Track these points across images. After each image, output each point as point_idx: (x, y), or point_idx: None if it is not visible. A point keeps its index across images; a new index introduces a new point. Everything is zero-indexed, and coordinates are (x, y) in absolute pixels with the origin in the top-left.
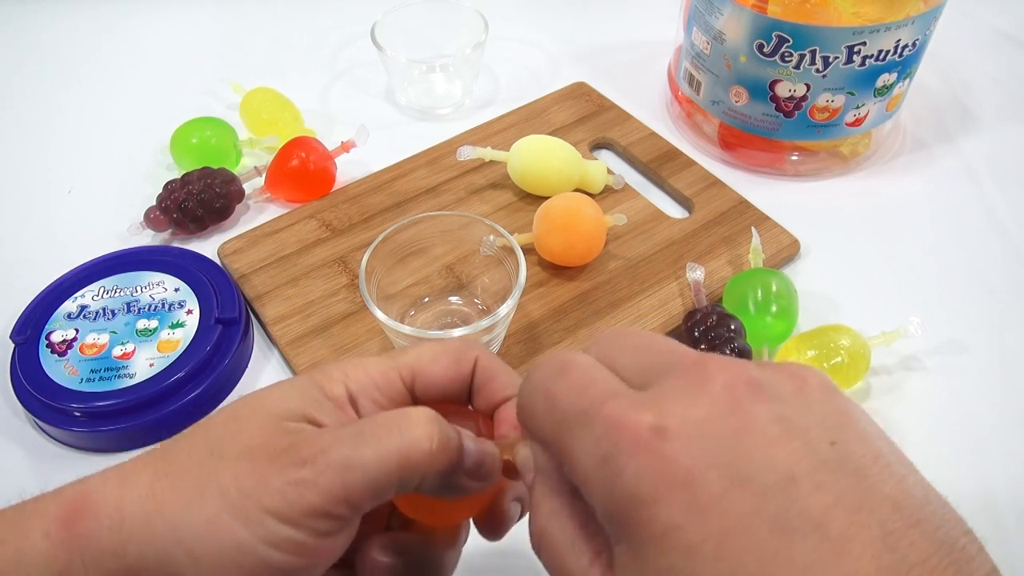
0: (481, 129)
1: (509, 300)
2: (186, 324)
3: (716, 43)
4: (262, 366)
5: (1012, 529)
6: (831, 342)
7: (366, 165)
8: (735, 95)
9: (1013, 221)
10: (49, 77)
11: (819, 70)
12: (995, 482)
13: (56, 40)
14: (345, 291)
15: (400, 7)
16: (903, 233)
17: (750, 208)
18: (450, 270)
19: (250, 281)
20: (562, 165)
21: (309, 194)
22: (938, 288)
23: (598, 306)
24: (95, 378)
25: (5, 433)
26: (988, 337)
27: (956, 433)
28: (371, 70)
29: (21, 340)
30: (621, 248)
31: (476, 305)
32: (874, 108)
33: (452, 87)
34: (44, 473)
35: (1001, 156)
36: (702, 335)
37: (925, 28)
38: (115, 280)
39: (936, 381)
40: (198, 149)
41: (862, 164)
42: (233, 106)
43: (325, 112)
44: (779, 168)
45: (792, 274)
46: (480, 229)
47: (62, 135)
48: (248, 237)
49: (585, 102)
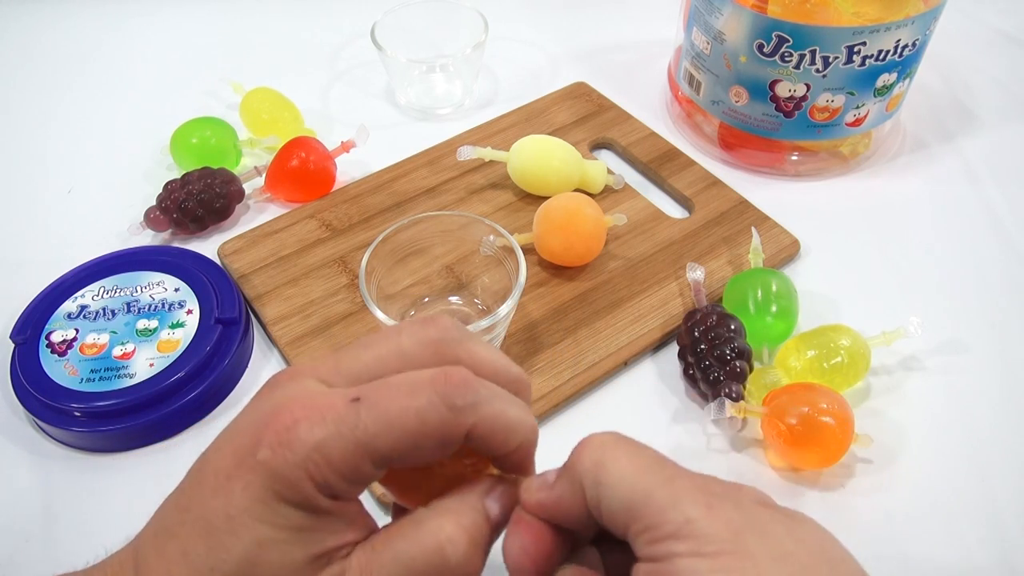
0: (481, 129)
1: (509, 300)
2: (186, 324)
3: (716, 43)
4: (262, 366)
5: (1012, 529)
6: (831, 342)
7: (366, 165)
8: (735, 95)
9: (1013, 221)
10: (49, 77)
11: (819, 70)
12: (995, 482)
13: (56, 40)
14: (345, 291)
15: (400, 7)
16: (903, 233)
17: (750, 208)
18: (450, 270)
19: (250, 281)
20: (562, 165)
21: (309, 194)
22: (938, 288)
23: (598, 306)
24: (95, 378)
25: (5, 433)
26: (988, 337)
27: (956, 433)
28: (371, 70)
29: (21, 340)
30: (621, 248)
31: (476, 305)
32: (874, 108)
33: (452, 87)
34: (44, 473)
35: (1001, 156)
36: (702, 335)
37: (925, 28)
38: (115, 280)
39: (936, 381)
40: (198, 149)
41: (862, 164)
42: (233, 106)
43: (325, 112)
44: (779, 168)
45: (792, 274)
46: (480, 229)
47: (62, 135)
48: (248, 237)
49: (585, 102)
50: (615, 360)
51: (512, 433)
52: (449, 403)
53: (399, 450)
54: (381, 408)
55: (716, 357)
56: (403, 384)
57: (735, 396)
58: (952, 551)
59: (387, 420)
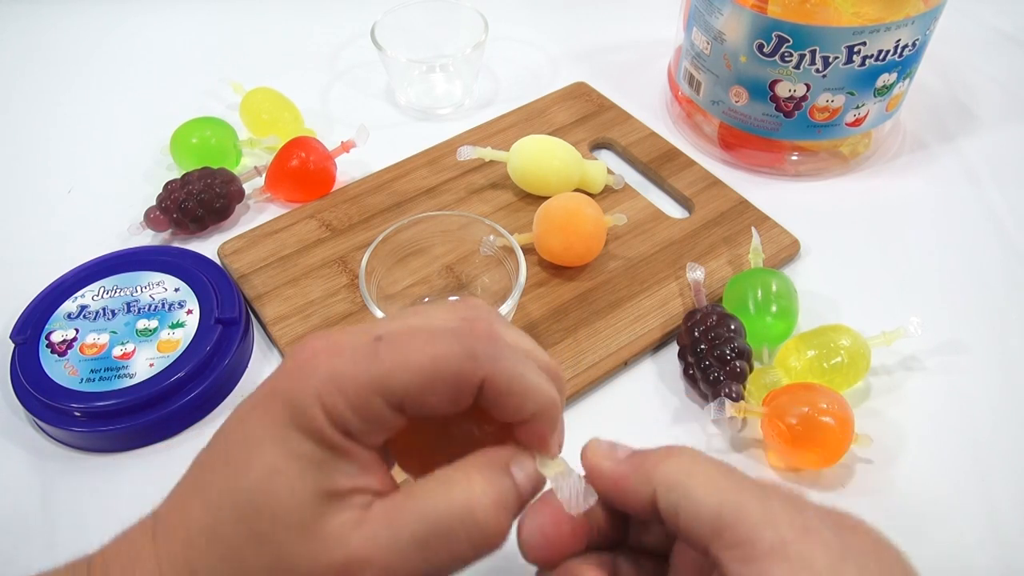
0: (481, 129)
1: (509, 300)
2: (186, 324)
3: (716, 43)
4: (262, 366)
5: (1012, 529)
6: (831, 342)
7: (366, 165)
8: (735, 95)
9: (1013, 221)
10: (49, 77)
11: (819, 70)
12: (995, 482)
13: (56, 40)
14: (345, 291)
15: (400, 7)
16: (903, 233)
17: (750, 208)
18: (450, 270)
19: (250, 281)
20: (562, 165)
21: (309, 194)
22: (938, 288)
23: (598, 306)
24: (95, 378)
25: (5, 433)
26: (988, 337)
27: (956, 433)
28: (371, 70)
29: (21, 340)
30: (621, 248)
31: None
32: (874, 108)
33: (452, 87)
34: (44, 473)
35: (1001, 156)
36: (702, 335)
37: (925, 28)
38: (115, 280)
39: (936, 381)
40: (198, 149)
41: (862, 164)
42: (233, 106)
43: (325, 112)
44: (779, 168)
45: (792, 274)
46: (480, 229)
47: (62, 135)
48: (248, 237)
49: (585, 102)
50: (615, 360)
51: (527, 398)
52: (469, 351)
53: (412, 390)
54: (400, 347)
55: (716, 357)
56: (427, 328)
57: (735, 396)
58: (952, 551)
59: (404, 358)
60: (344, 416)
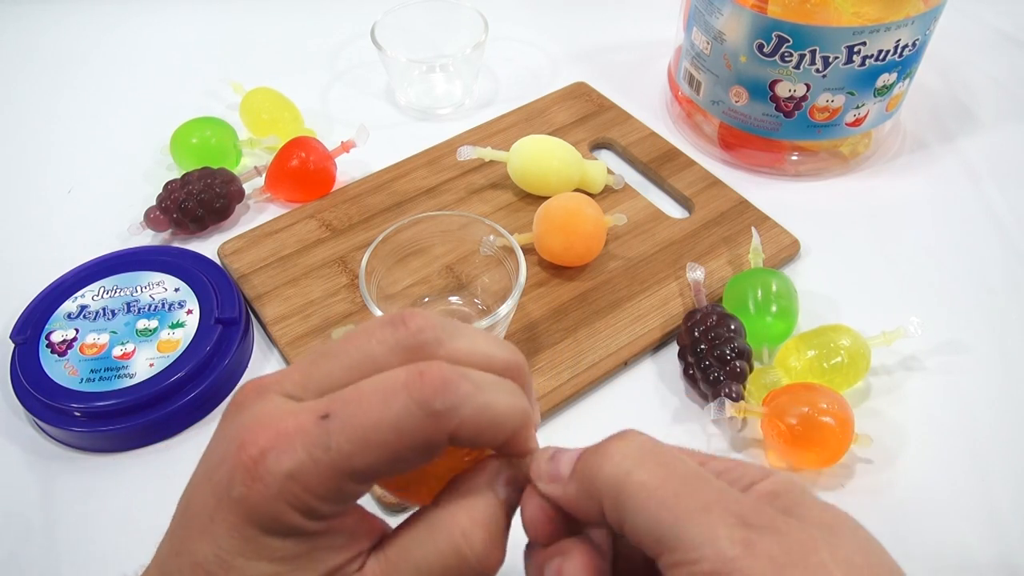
0: (481, 129)
1: (509, 300)
2: (186, 324)
3: (716, 43)
4: (262, 366)
5: (1012, 529)
6: (831, 342)
7: (366, 165)
8: (735, 95)
9: (1013, 221)
10: (49, 77)
11: (819, 70)
12: (995, 482)
13: (56, 40)
14: (345, 291)
15: (400, 7)
16: (903, 233)
17: (750, 208)
18: (450, 270)
19: (250, 281)
20: (562, 165)
21: (309, 194)
22: (938, 288)
23: (598, 306)
24: (95, 378)
25: (5, 433)
26: (988, 337)
27: (956, 433)
28: (371, 70)
29: (21, 340)
30: (621, 248)
31: (476, 305)
32: (874, 108)
33: (452, 87)
34: (44, 473)
35: (1001, 156)
36: (702, 335)
37: (925, 28)
38: (115, 280)
39: (936, 381)
40: (198, 149)
41: (862, 164)
42: (233, 106)
43: (325, 112)
44: (779, 168)
45: (792, 274)
46: (480, 229)
47: (62, 135)
48: (248, 237)
49: (585, 102)
50: (615, 360)
51: (501, 427)
52: (427, 409)
53: (379, 466)
54: (353, 423)
55: (716, 357)
56: (375, 391)
57: (735, 396)
58: (952, 551)
59: (361, 436)
60: (315, 506)
